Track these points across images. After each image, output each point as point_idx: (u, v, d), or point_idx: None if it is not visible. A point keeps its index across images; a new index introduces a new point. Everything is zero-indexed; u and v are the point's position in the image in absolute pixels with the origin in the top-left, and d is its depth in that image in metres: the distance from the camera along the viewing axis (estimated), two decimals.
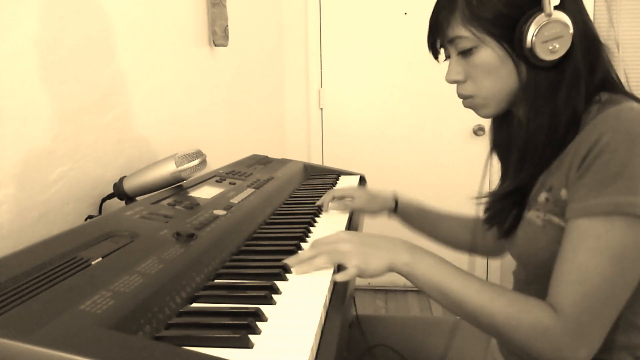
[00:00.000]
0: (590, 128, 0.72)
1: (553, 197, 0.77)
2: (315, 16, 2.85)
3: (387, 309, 2.77)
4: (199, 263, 0.76)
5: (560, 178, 0.76)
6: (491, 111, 0.85)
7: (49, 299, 0.54)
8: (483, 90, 0.82)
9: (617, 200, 0.67)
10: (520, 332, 0.70)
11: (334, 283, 0.77)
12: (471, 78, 0.83)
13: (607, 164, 0.68)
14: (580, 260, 0.68)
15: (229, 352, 0.53)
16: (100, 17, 1.11)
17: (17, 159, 0.87)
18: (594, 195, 0.68)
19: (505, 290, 0.74)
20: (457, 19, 0.80)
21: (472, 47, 0.80)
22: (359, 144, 2.90)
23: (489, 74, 0.80)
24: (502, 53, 0.78)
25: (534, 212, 0.81)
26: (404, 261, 0.77)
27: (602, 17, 2.66)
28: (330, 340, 0.61)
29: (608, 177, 0.67)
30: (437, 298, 0.76)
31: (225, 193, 1.10)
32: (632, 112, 0.70)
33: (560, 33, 0.75)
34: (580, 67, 0.77)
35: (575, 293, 0.68)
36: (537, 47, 0.75)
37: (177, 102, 1.49)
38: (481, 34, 0.78)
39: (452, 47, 0.83)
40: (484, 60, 0.80)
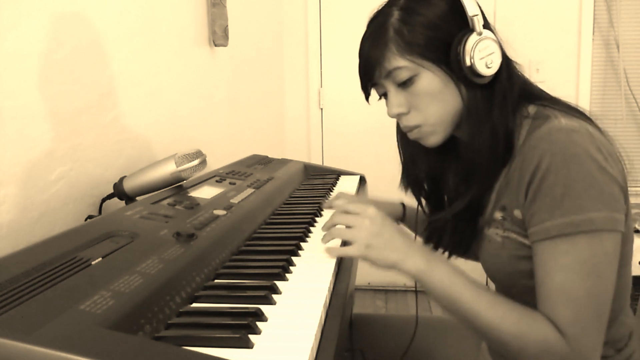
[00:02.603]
0: (527, 151, 0.74)
1: (508, 216, 0.79)
2: (315, 16, 2.85)
3: (387, 309, 2.77)
4: (199, 263, 0.75)
5: (511, 199, 0.78)
6: (439, 137, 0.85)
7: (49, 299, 0.54)
8: (430, 117, 0.82)
9: (570, 220, 0.69)
10: (529, 350, 0.72)
11: (334, 283, 0.77)
12: (415, 108, 0.83)
13: (552, 187, 0.70)
14: (558, 280, 0.71)
15: (229, 352, 0.53)
16: (100, 17, 1.11)
17: (17, 158, 0.87)
18: (547, 218, 0.71)
19: (514, 305, 0.74)
20: (392, 50, 0.80)
21: (412, 75, 0.80)
22: (359, 144, 2.90)
23: (434, 99, 0.81)
24: (443, 76, 0.80)
25: (493, 229, 0.83)
26: (418, 267, 0.76)
27: (602, 17, 2.66)
28: (330, 340, 0.61)
29: (556, 200, 0.70)
30: (448, 308, 0.77)
31: (225, 193, 1.10)
32: (562, 133, 0.72)
33: (493, 49, 0.78)
34: (505, 83, 0.81)
35: (567, 313, 0.70)
36: (476, 64, 0.77)
37: (177, 102, 1.49)
38: (419, 60, 0.79)
39: (389, 81, 0.83)
40: (427, 87, 0.80)
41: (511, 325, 0.72)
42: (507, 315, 0.73)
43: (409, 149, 0.96)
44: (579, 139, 0.71)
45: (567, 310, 0.70)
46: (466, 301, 0.74)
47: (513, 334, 0.72)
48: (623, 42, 2.65)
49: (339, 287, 0.77)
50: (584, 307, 0.70)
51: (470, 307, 0.74)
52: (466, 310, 0.74)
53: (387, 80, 0.83)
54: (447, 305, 0.76)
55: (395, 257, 0.77)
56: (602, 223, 0.69)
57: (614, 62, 2.68)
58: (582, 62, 2.68)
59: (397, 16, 0.81)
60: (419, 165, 0.96)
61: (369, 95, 0.89)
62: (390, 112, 0.86)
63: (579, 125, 0.73)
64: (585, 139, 0.71)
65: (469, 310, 0.74)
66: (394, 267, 0.77)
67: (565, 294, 0.70)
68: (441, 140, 0.86)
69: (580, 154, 0.70)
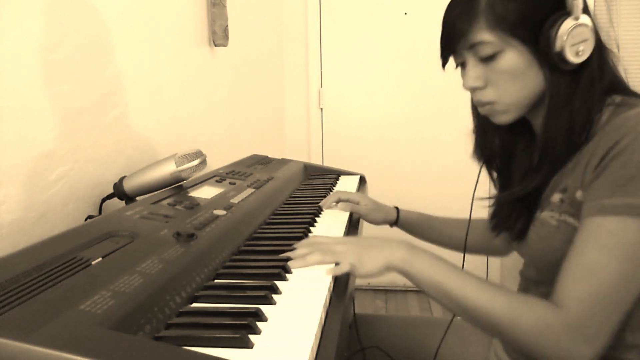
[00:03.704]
0: (609, 130, 0.72)
1: (568, 198, 0.77)
2: (315, 16, 2.85)
3: (387, 309, 2.77)
4: (199, 263, 0.75)
5: (575, 179, 0.76)
6: (511, 117, 0.83)
7: (49, 299, 0.54)
8: (506, 96, 0.81)
9: (630, 201, 0.67)
10: (522, 329, 0.70)
11: (334, 283, 0.77)
12: (492, 84, 0.81)
13: (624, 166, 0.68)
14: (590, 257, 0.69)
15: (229, 352, 0.53)
16: (100, 17, 1.11)
17: (17, 159, 0.87)
18: (608, 195, 0.69)
19: (504, 289, 0.74)
20: (481, 23, 0.78)
21: (496, 52, 0.78)
22: (359, 144, 2.90)
23: (514, 79, 0.79)
24: (528, 56, 0.77)
25: (548, 212, 0.81)
26: (401, 258, 0.77)
27: (602, 17, 2.66)
28: (330, 340, 0.61)
29: (623, 179, 0.68)
30: (436, 296, 0.76)
31: (225, 193, 1.10)
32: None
33: (586, 36, 0.75)
34: (595, 71, 0.78)
35: (582, 289, 0.68)
36: (567, 50, 0.74)
37: (177, 102, 1.49)
38: (507, 37, 0.77)
39: (470, 53, 0.81)
40: (509, 65, 0.78)
41: (502, 305, 0.71)
42: (497, 297, 0.72)
43: (480, 121, 0.94)
44: None
45: (585, 287, 0.68)
46: (453, 286, 0.74)
47: (505, 314, 0.70)
48: (623, 42, 2.65)
49: (339, 287, 0.77)
50: (605, 289, 0.67)
51: (458, 291, 0.73)
52: (454, 295, 0.74)
53: (468, 51, 0.81)
54: (435, 292, 0.76)
55: (384, 256, 0.77)
56: None
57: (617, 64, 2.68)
58: None
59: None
60: (491, 138, 0.94)
61: (446, 63, 0.86)
62: (465, 84, 0.84)
63: None
64: None
65: (457, 295, 0.73)
66: (387, 265, 0.77)
67: (591, 272, 0.68)
68: (512, 120, 0.84)
69: None
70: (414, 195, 2.78)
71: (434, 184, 2.82)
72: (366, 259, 0.77)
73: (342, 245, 0.80)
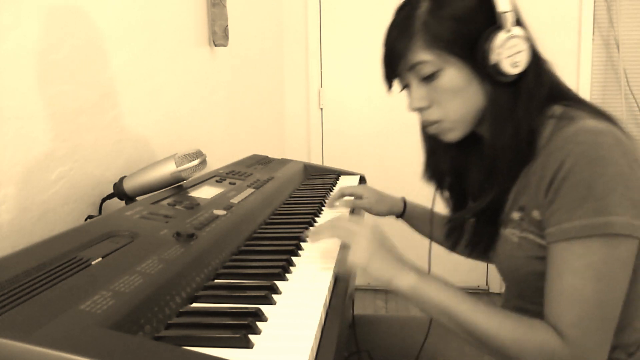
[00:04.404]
0: (553, 150, 0.73)
1: (527, 216, 0.79)
2: (315, 16, 2.85)
3: (387, 309, 2.77)
4: (199, 263, 0.75)
5: (530, 199, 0.78)
6: (458, 134, 0.84)
7: (49, 299, 0.54)
8: (451, 114, 0.82)
9: (589, 222, 0.69)
10: (528, 355, 0.71)
11: (334, 283, 0.77)
12: (436, 103, 0.82)
13: (574, 188, 0.70)
14: (567, 283, 0.70)
15: (229, 352, 0.53)
16: (100, 17, 1.11)
17: (17, 159, 0.87)
18: (566, 219, 0.70)
19: (510, 314, 0.74)
20: (418, 43, 0.79)
21: (436, 70, 0.79)
22: (359, 144, 2.90)
23: (456, 96, 0.80)
24: (467, 72, 0.79)
25: (510, 229, 0.82)
26: (410, 284, 0.76)
27: (602, 17, 2.66)
28: (330, 340, 0.61)
29: (576, 201, 0.69)
30: (445, 321, 0.76)
31: (225, 193, 1.10)
32: (588, 134, 0.71)
33: (521, 47, 0.76)
34: (533, 81, 0.79)
35: (571, 315, 0.70)
36: (502, 62, 0.76)
37: (177, 102, 1.49)
38: (444, 55, 0.78)
39: (412, 74, 0.82)
40: (450, 82, 0.79)
41: (509, 331, 0.72)
42: (505, 323, 0.73)
43: (430, 141, 0.95)
44: (605, 141, 0.70)
45: (572, 312, 0.70)
46: (463, 312, 0.74)
47: (512, 340, 0.71)
48: (623, 42, 2.65)
49: (339, 287, 0.77)
50: (590, 310, 0.69)
51: (468, 317, 0.74)
52: (463, 322, 0.74)
53: (410, 73, 0.82)
54: (443, 318, 0.76)
55: (390, 274, 0.77)
56: (620, 227, 0.68)
57: (614, 62, 2.68)
58: (582, 62, 2.68)
59: (426, 8, 0.79)
60: (441, 158, 0.95)
61: (391, 87, 0.87)
62: (410, 106, 0.85)
63: (607, 127, 0.72)
64: (612, 142, 0.70)
65: (466, 321, 0.74)
66: (389, 283, 0.77)
67: (572, 297, 0.70)
68: (460, 137, 0.85)
69: (606, 157, 0.69)
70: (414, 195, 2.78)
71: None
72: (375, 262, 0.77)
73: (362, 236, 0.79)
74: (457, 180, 0.96)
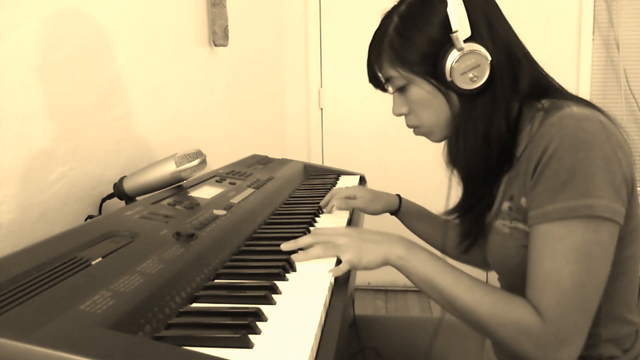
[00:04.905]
0: (537, 137, 0.75)
1: (515, 205, 0.80)
2: (315, 16, 2.85)
3: (387, 309, 2.77)
4: (199, 263, 0.76)
5: (518, 187, 0.79)
6: (438, 137, 0.90)
7: (49, 299, 0.54)
8: (425, 121, 0.88)
9: (571, 204, 0.70)
10: (505, 330, 0.73)
11: (334, 283, 0.77)
12: (412, 111, 0.88)
13: (557, 171, 0.71)
14: (548, 264, 0.71)
15: (229, 352, 0.53)
16: (100, 17, 1.11)
17: (17, 159, 0.87)
18: (548, 202, 0.71)
19: (493, 289, 0.76)
20: (385, 60, 0.85)
21: (404, 84, 0.85)
22: (359, 144, 2.90)
23: (424, 107, 0.86)
24: (430, 88, 0.83)
25: (500, 221, 0.84)
26: (398, 254, 0.80)
27: (602, 17, 2.66)
28: (330, 340, 0.61)
29: (559, 184, 0.70)
30: (429, 292, 0.79)
31: (225, 193, 1.10)
32: (572, 119, 0.72)
33: (477, 62, 0.79)
34: (507, 85, 0.81)
35: (550, 297, 0.71)
36: (458, 79, 0.79)
37: (177, 102, 1.49)
38: (407, 74, 0.83)
39: (390, 84, 0.89)
40: (417, 96, 0.85)
41: (489, 306, 0.74)
42: (485, 297, 0.75)
43: None
44: (589, 126, 0.71)
45: (551, 293, 0.71)
46: (446, 284, 0.77)
47: (490, 314, 0.73)
48: (623, 42, 2.65)
49: (339, 287, 0.77)
50: (568, 292, 0.70)
51: (450, 289, 0.76)
52: (446, 293, 0.77)
53: (387, 84, 0.89)
54: (428, 289, 0.79)
55: (383, 250, 0.80)
56: (600, 210, 0.69)
57: (614, 62, 2.68)
58: (582, 62, 2.68)
59: (394, 26, 0.84)
60: None
61: (385, 91, 0.93)
62: (393, 112, 0.91)
63: (591, 113, 0.73)
64: (596, 126, 0.71)
65: (448, 293, 0.76)
66: (385, 259, 0.80)
67: (552, 278, 0.71)
68: (442, 139, 0.90)
69: (589, 141, 0.70)
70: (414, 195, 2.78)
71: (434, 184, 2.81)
72: (366, 253, 0.80)
73: (344, 238, 0.83)
74: None
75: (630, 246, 0.77)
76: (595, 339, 0.79)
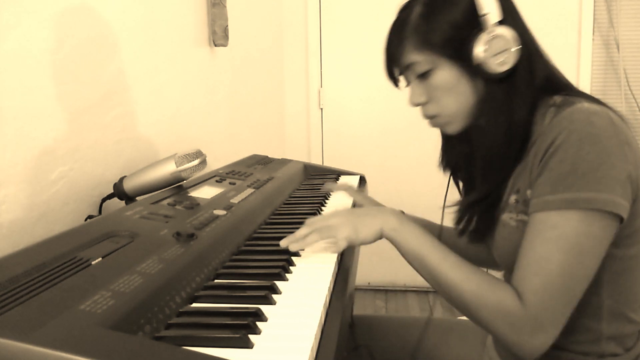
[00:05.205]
0: (548, 130, 0.76)
1: (521, 197, 0.81)
2: (315, 16, 2.85)
3: (387, 309, 2.77)
4: (199, 263, 0.76)
5: (525, 180, 0.80)
6: (457, 127, 0.88)
7: (49, 299, 0.54)
8: (446, 109, 0.86)
9: (571, 196, 0.71)
10: (485, 311, 0.75)
11: (334, 283, 0.77)
12: (433, 99, 0.87)
13: (561, 162, 0.72)
14: (538, 251, 0.73)
15: (229, 352, 0.53)
16: (100, 17, 1.11)
17: (17, 158, 0.87)
18: (549, 191, 0.73)
19: (479, 271, 0.78)
20: (410, 46, 0.84)
21: (428, 69, 0.84)
22: (359, 144, 2.90)
23: (449, 93, 0.84)
24: (456, 71, 0.83)
25: (507, 214, 0.84)
26: (392, 226, 0.82)
27: (602, 17, 2.66)
28: (330, 340, 0.61)
29: (561, 175, 0.72)
30: (416, 267, 0.82)
31: (225, 193, 1.10)
32: (582, 113, 0.73)
33: (506, 46, 0.79)
34: (524, 76, 0.82)
35: (534, 282, 0.72)
36: (487, 62, 0.79)
37: (177, 102, 1.49)
38: (433, 57, 0.83)
39: (409, 73, 0.88)
40: (442, 81, 0.84)
41: (473, 286, 0.75)
42: (471, 276, 0.76)
43: None
44: (598, 120, 0.72)
45: (536, 278, 0.72)
46: (433, 260, 0.79)
47: (473, 293, 0.75)
48: (623, 42, 2.65)
49: (339, 287, 0.77)
50: (553, 280, 0.71)
51: (437, 265, 0.78)
52: (432, 269, 0.79)
53: (407, 72, 0.88)
54: (415, 263, 0.81)
55: (378, 222, 0.83)
56: (600, 204, 0.70)
57: (614, 62, 2.68)
58: (582, 62, 2.68)
59: (418, 12, 0.84)
60: (454, 147, 0.99)
61: (397, 83, 0.92)
62: (411, 101, 0.90)
63: (601, 109, 0.74)
64: (605, 122, 0.72)
65: (434, 269, 0.79)
66: (382, 230, 0.82)
67: (539, 264, 0.72)
68: (460, 130, 0.88)
69: (596, 135, 0.71)
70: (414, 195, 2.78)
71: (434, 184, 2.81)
72: (361, 227, 0.83)
73: (337, 218, 0.85)
74: (469, 170, 0.98)
75: (636, 245, 0.77)
76: (597, 336, 0.79)
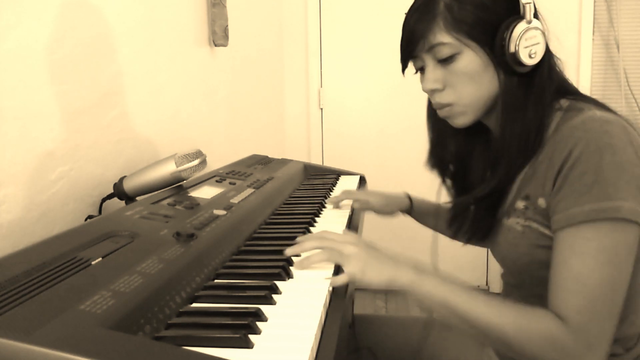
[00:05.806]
0: (560, 139, 0.75)
1: (532, 205, 0.79)
2: (315, 16, 2.85)
3: (387, 309, 2.77)
4: (199, 263, 0.75)
5: (536, 187, 0.78)
6: (468, 119, 0.85)
7: (49, 299, 0.54)
8: (464, 97, 0.83)
9: (597, 206, 0.69)
10: (532, 343, 0.71)
11: None
12: (450, 85, 0.83)
13: (582, 174, 0.71)
14: (574, 267, 0.70)
15: (229, 352, 0.53)
16: (100, 17, 1.11)
17: (17, 158, 0.87)
18: (574, 204, 0.71)
19: (510, 304, 0.75)
20: (439, 25, 0.80)
21: (454, 53, 0.80)
22: (359, 144, 2.90)
23: (471, 80, 0.81)
24: (484, 58, 0.80)
25: (514, 219, 0.83)
26: (409, 280, 0.77)
27: (602, 17, 2.66)
28: (330, 340, 0.61)
29: (585, 187, 0.70)
30: (446, 315, 0.76)
31: (225, 193, 1.10)
32: (596, 122, 0.73)
33: (539, 39, 0.78)
34: (545, 75, 0.81)
35: (578, 301, 0.70)
36: (520, 52, 0.77)
37: (177, 102, 1.49)
38: (464, 39, 0.80)
39: (429, 56, 0.83)
40: (466, 66, 0.81)
41: (511, 321, 0.72)
42: (506, 312, 0.73)
43: (437, 128, 0.96)
44: (613, 129, 0.72)
45: (578, 297, 0.69)
46: (463, 304, 0.74)
47: (514, 329, 0.71)
48: (623, 42, 2.65)
49: (339, 287, 0.77)
50: (597, 295, 0.69)
51: (468, 308, 0.74)
52: (464, 313, 0.74)
53: (427, 54, 0.83)
54: (444, 311, 0.76)
55: (389, 272, 0.77)
56: (627, 212, 0.69)
57: (614, 62, 2.68)
58: (582, 62, 2.68)
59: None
60: (446, 145, 0.96)
61: (405, 68, 0.89)
62: (425, 87, 0.86)
63: (613, 117, 0.74)
64: (619, 130, 0.72)
65: (467, 313, 0.74)
66: (390, 282, 0.77)
67: (579, 281, 0.69)
68: (470, 122, 0.86)
69: (613, 144, 0.70)
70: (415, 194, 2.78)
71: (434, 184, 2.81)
72: (370, 270, 0.77)
73: (351, 247, 0.79)
74: (461, 169, 0.98)
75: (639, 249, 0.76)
76: None
